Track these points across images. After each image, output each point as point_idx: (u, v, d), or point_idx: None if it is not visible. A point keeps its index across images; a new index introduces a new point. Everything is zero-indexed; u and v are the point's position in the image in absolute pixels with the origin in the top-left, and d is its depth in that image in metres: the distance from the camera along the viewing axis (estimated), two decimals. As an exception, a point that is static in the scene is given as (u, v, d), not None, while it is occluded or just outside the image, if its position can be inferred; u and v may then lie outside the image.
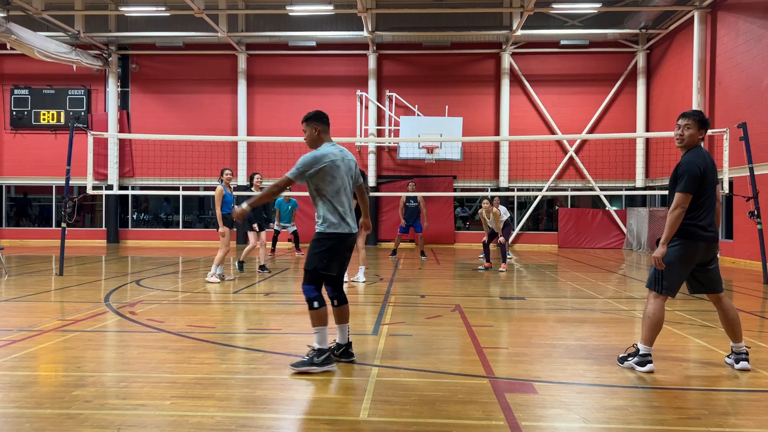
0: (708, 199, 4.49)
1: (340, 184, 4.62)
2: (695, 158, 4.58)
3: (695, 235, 4.45)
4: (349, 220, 4.64)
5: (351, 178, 4.76)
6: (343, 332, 4.80)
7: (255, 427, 3.44)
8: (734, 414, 3.69)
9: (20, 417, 3.55)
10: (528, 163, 19.72)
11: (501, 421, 3.51)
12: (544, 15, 20.41)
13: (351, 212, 4.69)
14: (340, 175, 4.61)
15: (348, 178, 4.71)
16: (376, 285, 9.90)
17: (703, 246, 4.50)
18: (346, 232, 4.63)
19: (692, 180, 4.44)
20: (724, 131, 11.24)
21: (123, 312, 7.05)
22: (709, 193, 4.49)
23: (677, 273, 4.54)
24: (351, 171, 4.77)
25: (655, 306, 4.58)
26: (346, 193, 4.67)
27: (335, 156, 4.62)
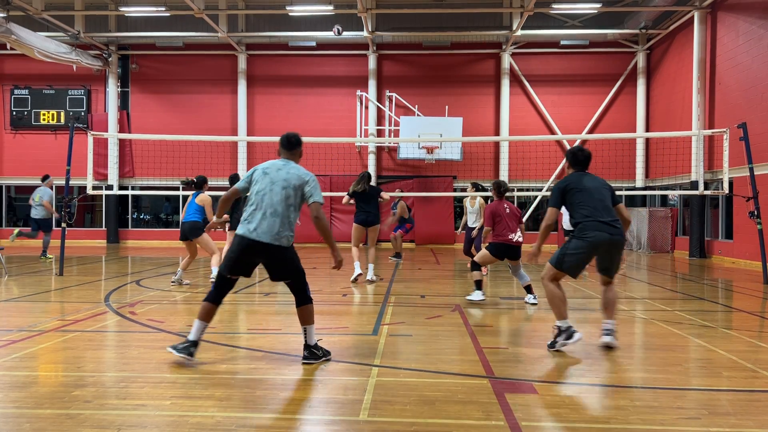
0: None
1: (256, 189, 4.71)
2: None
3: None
4: (251, 225, 4.60)
5: (283, 189, 4.66)
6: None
7: (255, 427, 3.44)
8: (734, 414, 3.69)
9: (20, 417, 3.55)
10: (528, 163, 19.71)
11: (501, 421, 3.51)
12: (544, 15, 20.40)
13: (260, 220, 4.59)
14: (261, 183, 4.70)
15: (271, 189, 4.65)
16: (376, 285, 9.90)
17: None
18: (240, 233, 4.64)
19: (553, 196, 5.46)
20: (724, 131, 11.23)
21: (123, 312, 7.05)
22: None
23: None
24: (284, 183, 4.68)
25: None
26: (259, 199, 4.65)
27: (266, 167, 4.80)
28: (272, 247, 4.60)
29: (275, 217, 4.61)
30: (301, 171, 4.79)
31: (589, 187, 5.33)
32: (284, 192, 4.66)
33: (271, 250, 4.61)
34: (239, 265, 4.72)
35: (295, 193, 4.70)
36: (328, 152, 20.42)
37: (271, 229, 4.58)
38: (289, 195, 4.67)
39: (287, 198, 4.66)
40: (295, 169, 4.78)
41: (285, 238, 4.65)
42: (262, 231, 4.58)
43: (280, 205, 4.63)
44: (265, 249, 4.61)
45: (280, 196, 4.64)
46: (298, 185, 4.71)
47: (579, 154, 5.61)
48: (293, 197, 4.69)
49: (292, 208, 4.70)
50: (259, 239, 4.57)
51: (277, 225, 4.60)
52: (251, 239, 4.59)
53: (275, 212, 4.61)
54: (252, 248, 4.61)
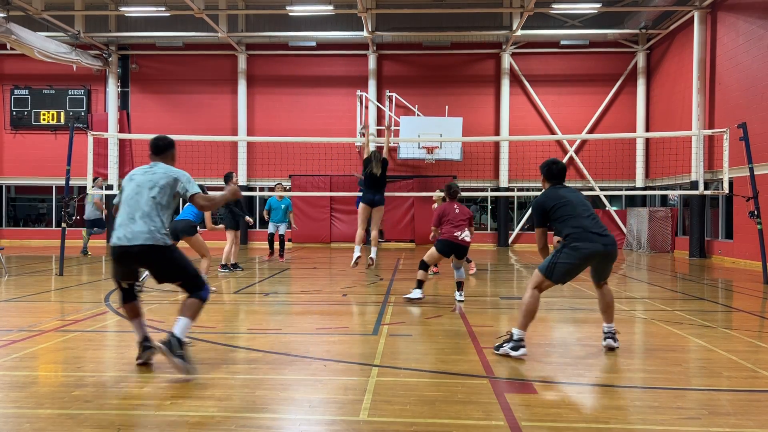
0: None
1: (124, 196, 4.60)
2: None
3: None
4: (121, 231, 4.45)
5: (150, 189, 4.51)
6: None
7: (255, 427, 3.44)
8: (734, 414, 3.69)
9: (20, 417, 3.55)
10: (528, 163, 19.63)
11: (501, 421, 3.51)
12: (544, 15, 20.40)
13: (130, 224, 4.44)
14: (128, 189, 4.60)
15: (138, 192, 4.51)
16: (376, 285, 9.90)
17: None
18: (112, 243, 4.50)
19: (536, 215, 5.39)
20: (724, 131, 11.23)
21: (123, 312, 7.04)
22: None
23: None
24: (150, 183, 4.53)
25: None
26: (126, 205, 4.53)
27: (133, 173, 4.70)
28: (148, 247, 4.41)
29: (145, 218, 4.45)
30: (169, 170, 4.66)
31: (571, 199, 5.23)
32: (151, 192, 4.51)
33: (148, 251, 4.43)
34: (123, 274, 4.64)
35: (163, 191, 4.54)
36: (328, 152, 20.42)
37: (143, 231, 4.41)
38: (157, 195, 4.51)
39: (155, 198, 4.51)
40: (163, 169, 4.65)
41: (161, 237, 4.47)
42: (133, 235, 4.41)
43: (148, 205, 4.48)
44: (142, 251, 4.42)
45: (146, 196, 4.50)
46: (165, 184, 4.56)
47: (554, 167, 5.49)
48: (162, 196, 4.53)
49: (161, 208, 4.52)
50: (132, 243, 4.40)
51: (149, 225, 4.44)
52: (124, 246, 4.43)
53: (144, 214, 4.46)
54: (128, 255, 4.45)
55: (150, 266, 4.57)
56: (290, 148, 19.78)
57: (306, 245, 20.66)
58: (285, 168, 20.21)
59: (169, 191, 4.57)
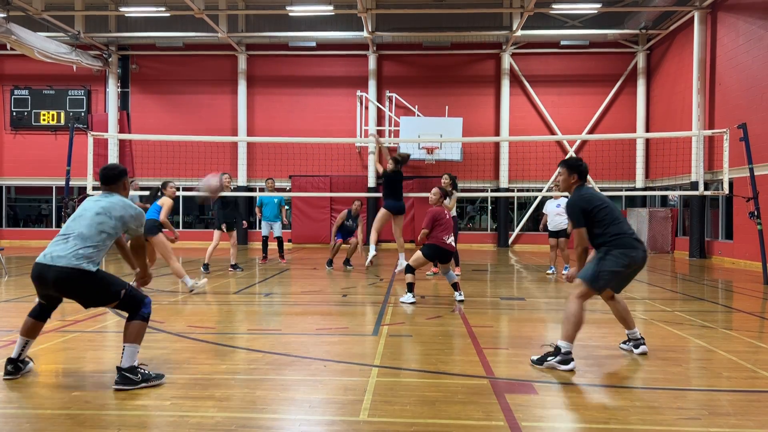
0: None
1: (72, 216, 4.30)
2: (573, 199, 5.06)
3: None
4: (47, 250, 4.11)
5: (97, 215, 4.17)
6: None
7: (255, 427, 3.44)
8: (734, 414, 3.69)
9: (20, 417, 3.55)
10: (528, 164, 19.71)
11: (501, 422, 3.51)
12: (544, 15, 20.40)
13: (60, 243, 4.09)
14: (76, 212, 4.30)
15: (86, 216, 4.18)
16: (376, 285, 9.90)
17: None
18: (36, 261, 4.14)
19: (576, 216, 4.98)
20: (724, 131, 11.23)
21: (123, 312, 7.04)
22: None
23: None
24: (101, 210, 4.20)
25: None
26: (68, 226, 4.18)
27: (88, 199, 4.40)
28: (69, 271, 3.97)
29: (79, 239, 4.06)
30: (124, 203, 4.33)
31: (608, 201, 4.99)
32: (98, 217, 4.16)
33: (68, 275, 3.98)
34: (41, 295, 4.28)
35: (112, 220, 4.20)
36: (328, 152, 20.42)
37: (68, 251, 4.01)
38: (104, 222, 4.16)
39: (101, 223, 4.15)
40: (120, 199, 4.33)
41: (88, 261, 4.03)
42: (57, 254, 4.01)
43: (89, 229, 4.11)
44: (61, 275, 3.98)
45: (90, 220, 4.14)
46: (119, 216, 4.23)
47: (583, 164, 5.19)
48: (110, 225, 4.18)
49: (104, 236, 4.14)
50: (51, 263, 3.99)
51: (79, 246, 4.03)
52: (42, 264, 4.05)
53: (80, 235, 4.08)
54: (45, 274, 4.03)
55: (73, 292, 4.09)
56: (290, 149, 19.77)
57: (306, 245, 20.66)
58: (285, 168, 20.20)
59: (120, 225, 4.26)
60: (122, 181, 4.47)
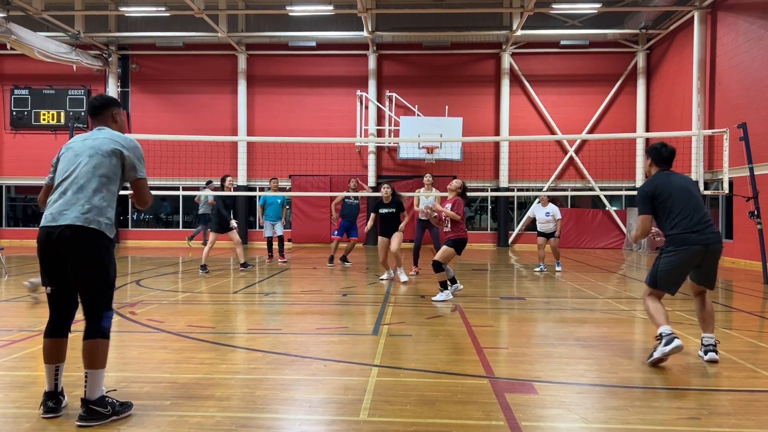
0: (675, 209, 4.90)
1: (59, 168, 3.58)
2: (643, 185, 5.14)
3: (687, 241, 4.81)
4: (50, 209, 3.46)
5: (90, 158, 3.51)
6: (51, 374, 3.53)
7: (255, 427, 3.44)
8: (734, 414, 3.69)
9: (20, 417, 3.55)
10: (528, 163, 19.71)
11: (501, 421, 3.51)
12: (544, 15, 20.40)
13: (62, 200, 3.44)
14: (64, 160, 3.58)
15: (80, 161, 3.51)
16: (376, 285, 9.90)
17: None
18: (41, 224, 3.48)
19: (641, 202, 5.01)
20: (724, 131, 11.22)
21: (123, 312, 7.05)
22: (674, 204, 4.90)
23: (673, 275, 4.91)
24: (91, 151, 3.53)
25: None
26: (66, 178, 3.50)
27: (70, 141, 3.69)
28: (79, 229, 3.36)
29: (81, 192, 3.43)
30: (115, 134, 3.65)
31: (674, 192, 4.90)
32: (92, 161, 3.50)
33: (78, 234, 3.37)
34: (48, 269, 3.48)
35: (109, 160, 3.53)
36: (328, 152, 20.43)
37: (75, 207, 3.40)
38: (100, 163, 3.51)
39: (97, 167, 3.49)
40: (108, 133, 3.65)
41: (99, 220, 3.44)
42: (63, 212, 3.40)
43: (87, 177, 3.46)
44: (71, 234, 3.36)
45: (87, 166, 3.48)
46: (111, 150, 3.54)
47: (663, 150, 5.16)
48: (106, 166, 3.52)
49: (105, 180, 3.50)
50: (59, 222, 3.38)
51: (85, 200, 3.42)
52: (50, 226, 3.40)
53: (81, 187, 3.45)
54: (52, 237, 3.38)
55: (73, 255, 3.39)
56: (290, 148, 19.77)
57: (306, 245, 20.66)
58: (285, 168, 20.21)
59: (118, 161, 3.56)
60: (110, 111, 3.81)
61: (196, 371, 4.53)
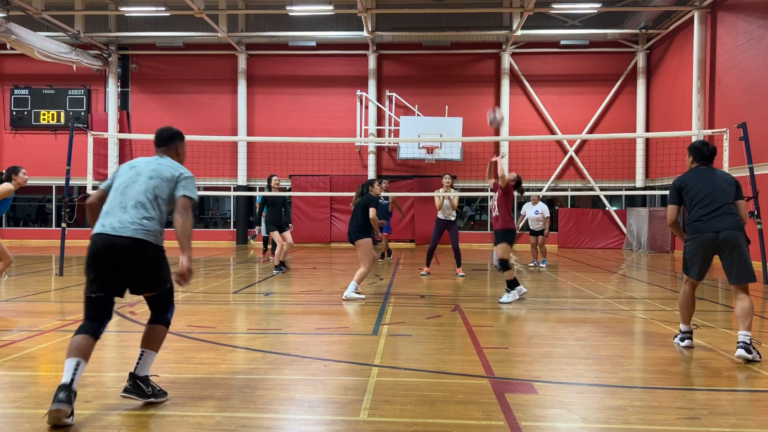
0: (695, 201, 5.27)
1: (118, 183, 3.92)
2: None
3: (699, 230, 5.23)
4: (107, 219, 3.75)
5: (150, 179, 3.89)
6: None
7: (255, 427, 3.44)
8: (734, 414, 3.69)
9: (20, 417, 3.55)
10: (528, 163, 19.70)
11: (501, 421, 3.51)
12: (544, 15, 20.40)
13: (121, 213, 3.75)
14: (125, 176, 3.94)
15: (141, 179, 3.88)
16: (376, 285, 9.90)
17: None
18: (95, 231, 3.77)
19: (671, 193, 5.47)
20: (724, 131, 11.22)
21: (123, 312, 7.05)
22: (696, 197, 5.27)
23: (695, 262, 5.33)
24: (153, 173, 3.93)
25: (683, 289, 5.50)
26: (124, 192, 3.83)
27: (134, 162, 4.07)
28: (136, 241, 3.69)
29: (139, 208, 3.78)
30: (175, 164, 4.05)
31: (705, 182, 5.22)
32: (151, 182, 3.87)
33: (135, 246, 3.69)
34: (99, 275, 3.69)
35: (167, 185, 3.90)
36: (328, 152, 20.43)
37: (133, 221, 3.73)
38: (158, 185, 3.87)
39: (156, 188, 3.86)
40: (169, 162, 4.05)
41: (153, 232, 3.80)
42: (122, 224, 3.70)
43: (146, 196, 3.82)
44: (128, 245, 3.67)
45: (145, 185, 3.85)
46: (170, 177, 3.92)
47: (704, 149, 5.46)
48: (163, 189, 3.88)
49: (161, 201, 3.87)
50: (118, 233, 3.67)
51: (141, 217, 3.76)
52: (108, 234, 3.68)
53: (138, 203, 3.79)
54: (110, 246, 3.66)
55: (131, 264, 3.72)
56: (290, 148, 19.77)
57: (306, 245, 20.65)
58: (285, 168, 20.20)
59: (173, 186, 3.93)
60: (175, 144, 4.23)
61: (196, 371, 4.53)
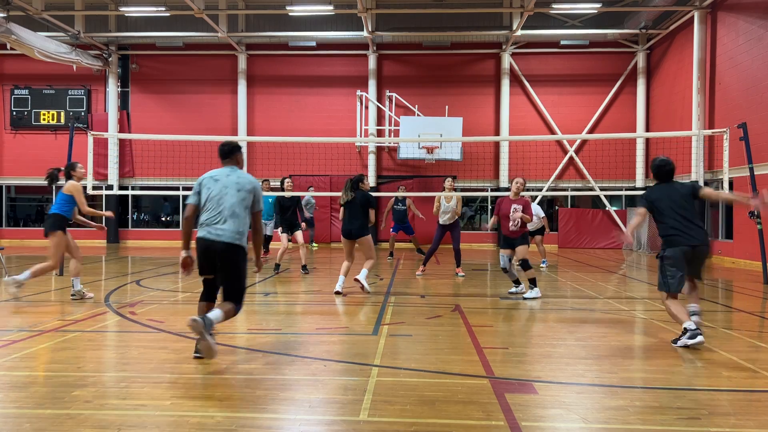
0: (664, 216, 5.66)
1: (211, 194, 4.90)
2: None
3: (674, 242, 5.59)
4: (209, 227, 4.83)
5: (238, 192, 4.90)
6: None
7: (255, 427, 3.44)
8: (734, 414, 3.69)
9: (20, 417, 3.55)
10: (528, 163, 19.71)
11: (501, 422, 3.51)
12: (544, 15, 20.41)
13: (222, 222, 4.82)
14: (214, 188, 4.91)
15: (230, 191, 4.89)
16: (376, 285, 9.90)
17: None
18: (202, 236, 4.87)
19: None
20: (724, 131, 11.23)
21: (123, 312, 7.05)
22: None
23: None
24: (238, 186, 4.92)
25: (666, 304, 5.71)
26: (219, 203, 4.86)
27: (214, 174, 5.01)
28: (230, 245, 4.81)
29: (235, 218, 4.85)
30: (247, 176, 5.06)
31: (671, 199, 5.63)
32: (239, 195, 4.91)
33: (230, 249, 4.82)
34: (205, 266, 4.93)
35: (249, 195, 4.96)
36: (328, 152, 20.43)
37: (230, 230, 4.82)
38: (245, 198, 4.93)
39: (243, 200, 4.92)
40: (244, 175, 5.05)
41: (243, 239, 4.90)
42: (223, 232, 4.80)
43: (238, 207, 4.88)
44: (226, 249, 4.81)
45: (236, 198, 4.89)
46: (250, 189, 4.98)
47: (664, 167, 5.93)
48: (247, 200, 4.95)
49: (247, 211, 4.97)
50: (220, 239, 4.79)
51: (238, 225, 4.85)
52: (208, 239, 4.81)
53: (234, 214, 4.85)
54: (213, 248, 4.81)
55: (224, 263, 4.84)
56: (290, 148, 19.77)
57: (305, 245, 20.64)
58: (285, 168, 20.19)
59: (252, 198, 4.98)
60: (236, 156, 5.14)
61: (196, 371, 4.53)
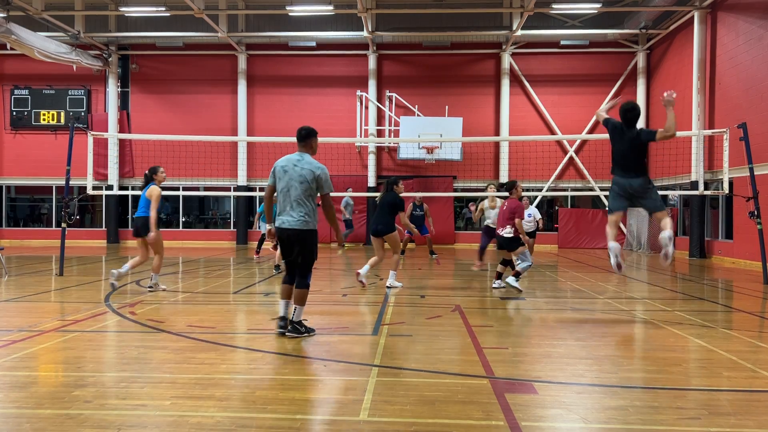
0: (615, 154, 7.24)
1: (281, 187, 5.70)
2: None
3: None
4: (283, 217, 5.66)
5: (301, 184, 5.61)
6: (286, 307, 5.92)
7: (255, 427, 3.44)
8: (734, 414, 3.69)
9: (20, 417, 3.55)
10: (528, 163, 19.71)
11: (501, 422, 3.51)
12: (544, 15, 20.41)
13: (287, 211, 5.63)
14: (284, 181, 5.68)
15: (294, 184, 5.62)
16: (376, 285, 9.89)
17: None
18: (277, 226, 5.74)
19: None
20: (724, 131, 11.23)
21: (123, 312, 7.05)
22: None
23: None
24: (301, 178, 5.62)
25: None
26: (287, 194, 5.65)
27: (284, 165, 5.73)
28: (305, 232, 5.62)
29: (301, 206, 5.61)
30: (313, 165, 5.67)
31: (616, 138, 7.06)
32: (303, 186, 5.60)
33: (303, 234, 5.63)
34: (286, 251, 5.76)
35: (312, 184, 5.63)
36: (328, 152, 20.42)
37: (296, 217, 5.61)
38: (307, 189, 5.62)
39: (306, 191, 5.61)
40: (308, 164, 5.66)
41: (310, 222, 5.66)
42: (292, 219, 5.61)
43: (303, 196, 5.61)
44: (301, 234, 5.62)
45: (300, 189, 5.60)
46: (312, 178, 5.63)
47: (629, 114, 7.12)
48: (311, 189, 5.64)
49: (312, 198, 5.69)
50: (291, 227, 5.61)
51: (302, 212, 5.61)
52: (284, 228, 5.64)
53: (300, 203, 5.61)
54: (290, 236, 5.63)
55: (300, 244, 5.64)
56: (290, 148, 19.68)
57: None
58: (285, 168, 20.20)
59: (316, 185, 5.64)
60: (311, 141, 5.82)
61: (196, 371, 4.53)
